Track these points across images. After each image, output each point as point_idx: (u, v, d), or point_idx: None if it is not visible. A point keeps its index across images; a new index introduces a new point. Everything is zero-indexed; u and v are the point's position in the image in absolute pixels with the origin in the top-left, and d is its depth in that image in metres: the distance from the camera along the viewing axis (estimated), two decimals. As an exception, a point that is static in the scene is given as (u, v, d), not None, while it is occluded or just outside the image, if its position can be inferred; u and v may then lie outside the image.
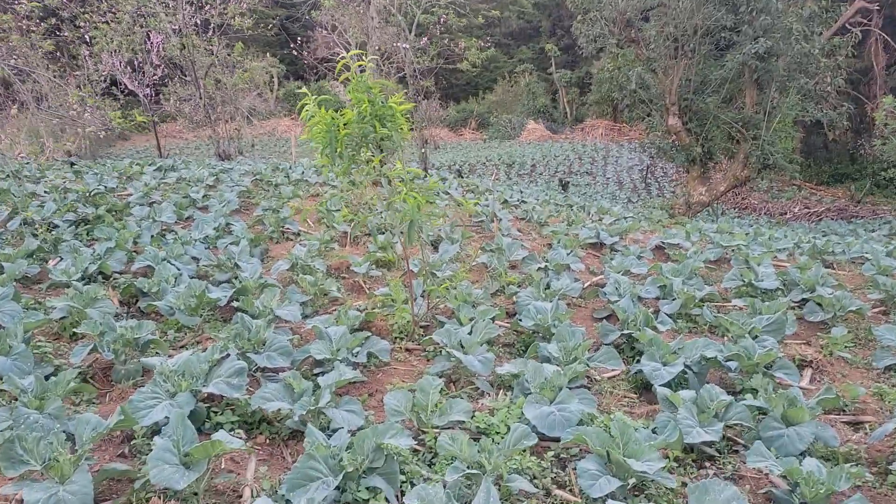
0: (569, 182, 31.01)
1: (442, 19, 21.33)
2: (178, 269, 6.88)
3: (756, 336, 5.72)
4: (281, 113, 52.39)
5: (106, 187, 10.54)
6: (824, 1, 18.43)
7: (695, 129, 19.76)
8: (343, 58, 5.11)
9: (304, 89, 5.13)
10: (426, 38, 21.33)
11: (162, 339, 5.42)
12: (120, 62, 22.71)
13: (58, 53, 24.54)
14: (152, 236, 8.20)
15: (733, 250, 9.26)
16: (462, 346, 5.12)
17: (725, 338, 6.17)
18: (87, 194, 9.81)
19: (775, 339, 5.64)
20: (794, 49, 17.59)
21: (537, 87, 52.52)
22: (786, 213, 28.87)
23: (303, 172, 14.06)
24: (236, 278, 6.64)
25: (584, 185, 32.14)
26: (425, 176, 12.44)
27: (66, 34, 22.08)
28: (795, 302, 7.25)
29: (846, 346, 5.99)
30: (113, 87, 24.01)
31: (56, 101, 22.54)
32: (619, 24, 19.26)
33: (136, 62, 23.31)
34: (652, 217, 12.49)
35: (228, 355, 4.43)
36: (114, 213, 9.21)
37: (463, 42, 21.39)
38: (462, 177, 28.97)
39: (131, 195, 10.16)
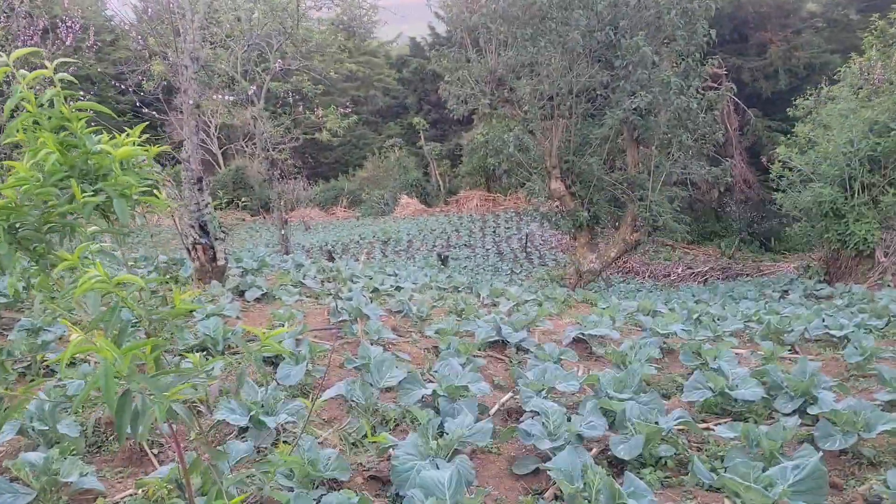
0: (448, 256, 29.07)
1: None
2: None
3: None
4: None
5: None
6: (697, 55, 17.67)
7: (579, 192, 18.27)
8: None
9: None
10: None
11: None
12: None
13: None
14: None
15: (669, 338, 7.20)
16: None
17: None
18: None
19: (816, 506, 3.43)
20: (673, 103, 16.58)
21: (408, 161, 51.28)
22: (670, 275, 28.13)
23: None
24: None
25: (465, 259, 30.33)
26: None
27: None
28: (787, 415, 5.15)
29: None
30: None
31: None
32: (491, 82, 17.72)
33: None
34: (556, 297, 10.37)
35: None
36: None
37: (321, 109, 19.16)
38: (333, 259, 26.37)
39: None
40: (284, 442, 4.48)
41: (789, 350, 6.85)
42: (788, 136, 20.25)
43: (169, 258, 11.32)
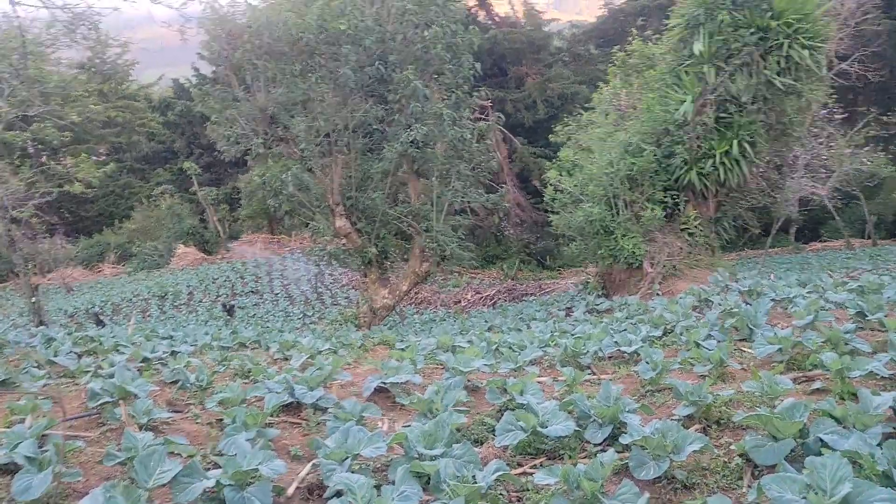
0: (234, 305, 27.40)
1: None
2: None
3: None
4: None
5: None
6: (465, 87, 18.21)
7: (365, 228, 17.95)
8: None
9: None
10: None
11: None
12: None
13: None
14: None
15: (472, 374, 6.93)
16: None
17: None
18: None
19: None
20: (448, 134, 16.89)
21: (182, 208, 48.15)
22: (460, 301, 28.78)
23: None
24: None
25: (252, 306, 28.85)
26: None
27: None
28: (598, 445, 5.01)
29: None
30: None
31: None
32: (263, 121, 16.90)
33: None
34: (352, 342, 9.80)
35: None
36: None
37: (69, 158, 17.08)
38: (102, 322, 23.73)
39: None
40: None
41: (589, 372, 6.88)
42: (554, 160, 21.59)
43: None
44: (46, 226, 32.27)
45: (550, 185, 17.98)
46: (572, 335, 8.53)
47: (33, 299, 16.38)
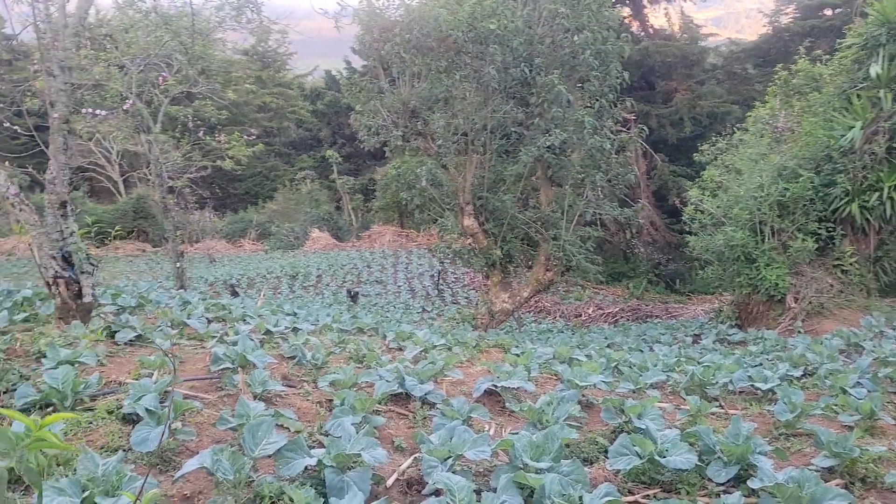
0: (358, 293, 28.11)
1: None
2: None
3: None
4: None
5: None
6: (610, 96, 17.66)
7: (492, 230, 17.81)
8: None
9: None
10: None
11: None
12: None
13: None
14: None
15: (588, 390, 6.60)
16: None
17: None
18: None
19: None
20: (587, 143, 16.41)
21: (320, 194, 50.22)
22: (581, 315, 28.09)
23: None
24: None
25: (375, 295, 29.46)
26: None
27: None
28: (721, 485, 4.58)
29: None
30: None
31: None
32: (404, 114, 17.12)
33: None
34: (467, 341, 9.68)
35: None
36: None
37: (224, 136, 18.07)
38: (237, 294, 25.02)
39: None
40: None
41: (717, 405, 6.37)
42: (696, 180, 20.57)
43: (35, 292, 10.03)
44: (198, 199, 34.56)
45: (691, 204, 17.06)
46: (700, 363, 7.98)
47: (178, 264, 17.46)
